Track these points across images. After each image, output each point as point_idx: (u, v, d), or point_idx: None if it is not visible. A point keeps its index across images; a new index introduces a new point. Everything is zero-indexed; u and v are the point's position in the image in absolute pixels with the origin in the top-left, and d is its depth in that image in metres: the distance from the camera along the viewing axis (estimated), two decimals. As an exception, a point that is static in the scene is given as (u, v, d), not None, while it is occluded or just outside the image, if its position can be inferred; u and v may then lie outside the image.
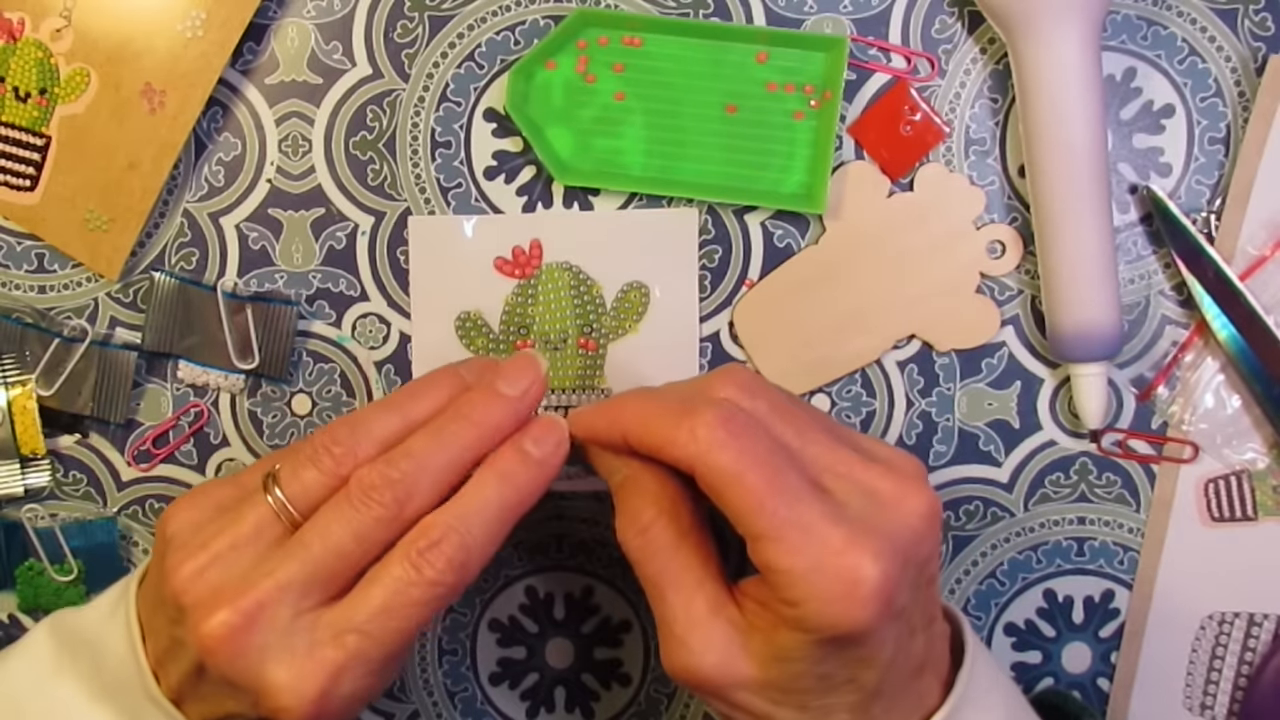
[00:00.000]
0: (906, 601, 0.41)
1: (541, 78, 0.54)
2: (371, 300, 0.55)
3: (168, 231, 0.55)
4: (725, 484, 0.40)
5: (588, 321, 0.55)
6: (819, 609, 0.39)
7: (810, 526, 0.40)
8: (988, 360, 0.55)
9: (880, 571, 0.40)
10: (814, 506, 0.40)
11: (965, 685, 0.44)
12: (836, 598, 0.39)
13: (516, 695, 0.57)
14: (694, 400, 0.42)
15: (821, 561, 0.39)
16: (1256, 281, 0.53)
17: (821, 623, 0.40)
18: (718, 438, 0.41)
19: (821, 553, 0.39)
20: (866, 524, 0.41)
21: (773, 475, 0.40)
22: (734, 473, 0.40)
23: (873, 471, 0.43)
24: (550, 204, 0.55)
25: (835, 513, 0.41)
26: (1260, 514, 0.55)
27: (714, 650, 0.42)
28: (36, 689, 0.44)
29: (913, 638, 0.43)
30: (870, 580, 0.39)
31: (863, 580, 0.39)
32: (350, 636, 0.42)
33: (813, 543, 0.40)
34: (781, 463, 0.41)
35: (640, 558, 0.44)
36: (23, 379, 0.54)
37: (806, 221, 0.55)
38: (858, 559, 0.39)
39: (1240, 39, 0.54)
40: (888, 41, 0.54)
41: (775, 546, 0.40)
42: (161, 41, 0.52)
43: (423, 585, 0.42)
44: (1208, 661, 0.56)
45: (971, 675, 0.45)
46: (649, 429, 0.43)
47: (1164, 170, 0.54)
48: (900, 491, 0.42)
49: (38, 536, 0.55)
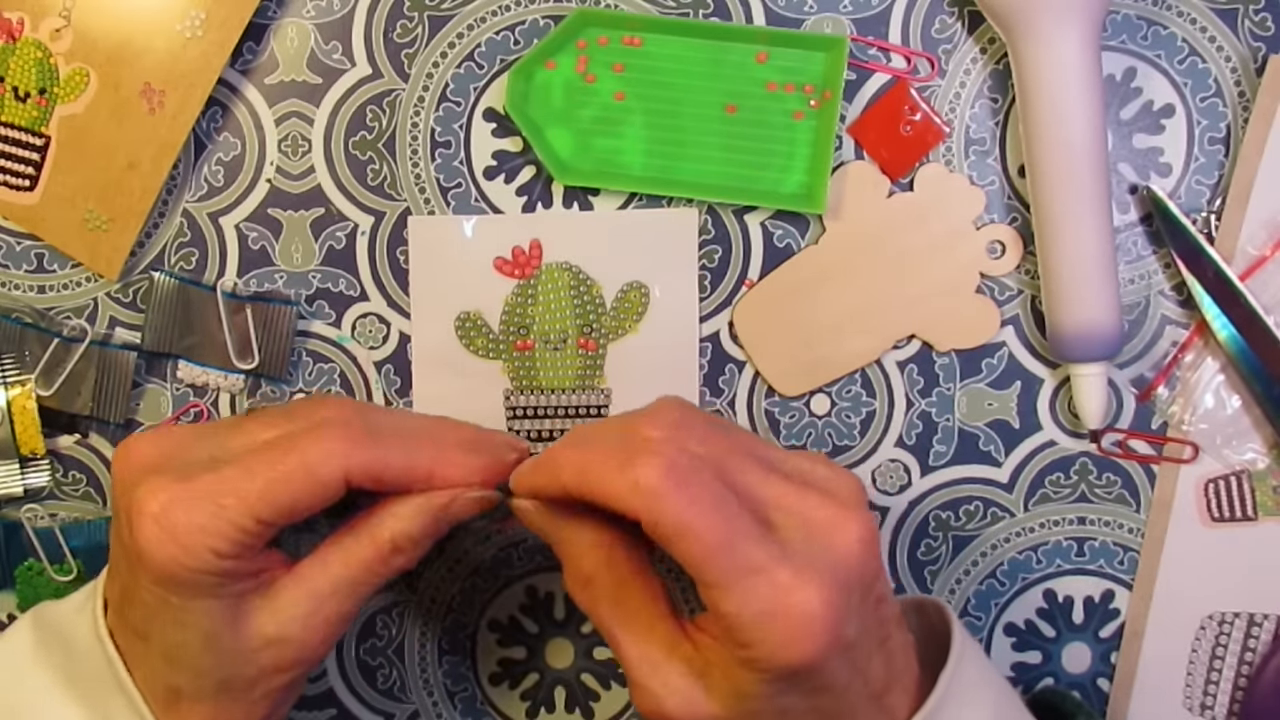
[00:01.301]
0: (855, 629, 0.41)
1: (541, 78, 0.54)
2: (371, 300, 0.55)
3: (167, 231, 0.55)
4: (673, 535, 0.40)
5: (588, 321, 0.55)
6: (770, 651, 0.40)
7: (759, 569, 0.40)
8: (988, 360, 0.55)
9: (826, 605, 0.39)
10: (760, 548, 0.40)
11: (949, 682, 0.44)
12: (787, 640, 0.39)
13: (516, 695, 0.57)
14: (631, 445, 0.41)
15: (771, 604, 0.39)
16: (1256, 281, 0.53)
17: (774, 663, 0.40)
18: (663, 488, 0.40)
19: (770, 594, 0.39)
20: (808, 558, 0.40)
21: (719, 523, 0.40)
22: (681, 523, 0.40)
23: (809, 501, 0.42)
24: (550, 204, 0.55)
25: (780, 552, 0.40)
26: (1260, 514, 0.55)
27: (675, 692, 0.42)
28: (16, 679, 0.45)
29: (869, 660, 0.43)
30: (818, 617, 0.39)
31: (811, 617, 0.39)
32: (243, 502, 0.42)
33: (761, 585, 0.39)
34: (727, 507, 0.40)
35: (589, 608, 0.45)
36: (22, 379, 0.54)
37: (806, 221, 0.55)
38: (804, 596, 0.39)
39: (1240, 39, 0.54)
40: (888, 41, 0.54)
41: (725, 594, 0.40)
42: (161, 41, 0.52)
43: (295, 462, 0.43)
44: (1208, 662, 0.56)
45: (957, 672, 0.45)
46: (588, 480, 0.42)
47: (1164, 170, 0.54)
48: (836, 519, 0.42)
49: (37, 536, 0.55)
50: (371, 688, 0.57)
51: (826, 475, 0.44)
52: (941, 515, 0.56)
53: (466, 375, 0.55)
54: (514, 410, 0.55)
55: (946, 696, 0.44)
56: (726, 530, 0.40)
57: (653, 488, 0.40)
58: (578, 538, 0.45)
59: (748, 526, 0.40)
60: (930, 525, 0.56)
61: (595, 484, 0.41)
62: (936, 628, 0.48)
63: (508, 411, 0.55)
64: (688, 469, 0.40)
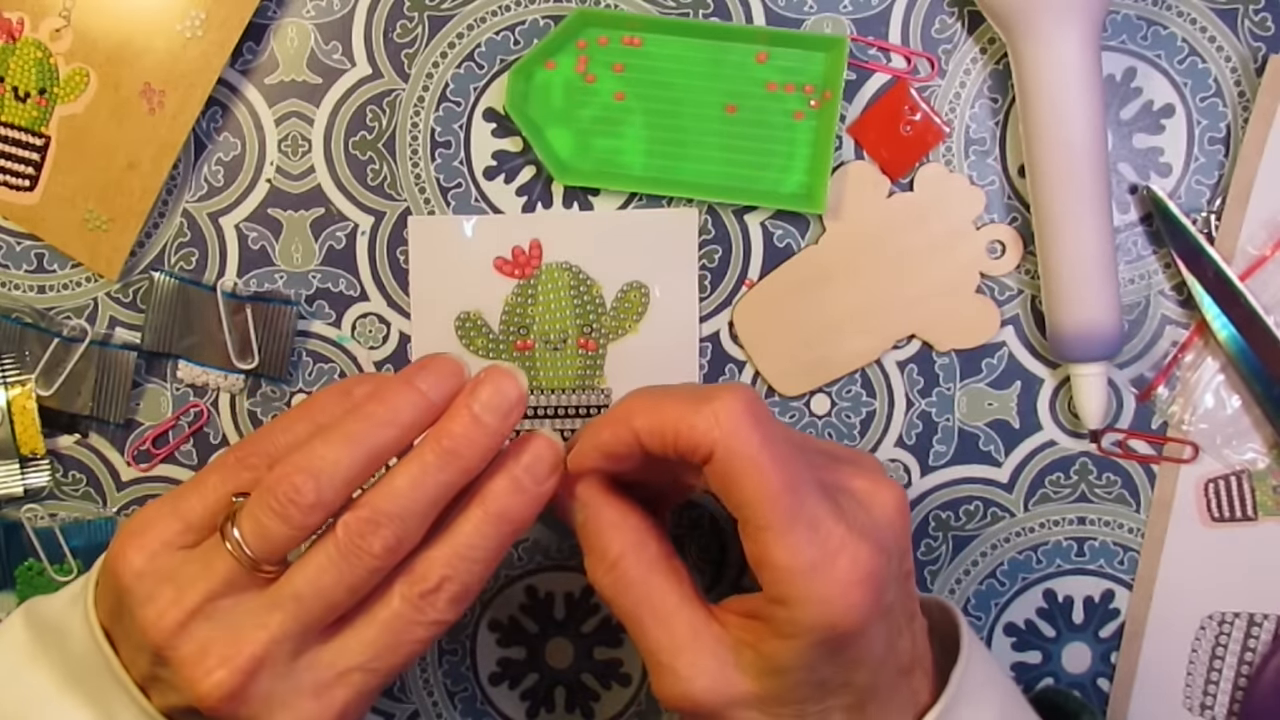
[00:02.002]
0: (893, 597, 0.41)
1: (541, 78, 0.54)
2: (371, 300, 0.55)
3: (167, 231, 0.55)
4: (743, 470, 0.40)
5: (588, 321, 0.55)
6: (813, 611, 0.39)
7: (816, 522, 0.40)
8: (988, 360, 0.55)
9: (873, 568, 0.40)
10: (820, 503, 0.40)
11: (960, 679, 0.44)
12: (832, 597, 0.39)
13: (516, 695, 0.57)
14: (709, 391, 0.42)
15: (821, 558, 0.39)
16: (1256, 281, 0.53)
17: (815, 623, 0.40)
18: (743, 422, 0.40)
19: (823, 549, 0.40)
20: (855, 521, 0.41)
21: (787, 466, 0.40)
22: (754, 459, 0.40)
23: (844, 472, 0.43)
24: (550, 204, 0.55)
25: (837, 510, 0.41)
26: (1260, 514, 0.55)
27: (705, 673, 0.42)
28: (13, 677, 0.44)
29: (900, 635, 0.43)
30: (865, 577, 0.40)
31: (858, 577, 0.39)
32: (355, 674, 0.42)
33: (816, 540, 0.40)
34: (796, 456, 0.41)
35: (613, 593, 0.44)
36: (22, 379, 0.54)
37: (806, 221, 0.55)
38: (854, 555, 0.40)
39: (1240, 39, 0.54)
40: (888, 41, 0.54)
41: (780, 541, 0.40)
42: (161, 41, 0.52)
43: (425, 625, 0.42)
44: (1208, 661, 0.56)
45: (967, 670, 0.45)
46: (665, 417, 0.42)
47: (1164, 170, 0.54)
48: (872, 487, 0.42)
49: (37, 536, 0.55)
50: (371, 688, 0.57)
51: (851, 452, 0.45)
52: (941, 515, 0.56)
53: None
54: (514, 410, 0.55)
55: (958, 695, 0.44)
56: (792, 475, 0.40)
57: (734, 420, 0.40)
58: (605, 517, 0.44)
59: (810, 479, 0.41)
60: (930, 525, 0.56)
61: (672, 420, 0.41)
62: (940, 626, 0.48)
63: (508, 411, 0.55)
64: (765, 413, 0.41)
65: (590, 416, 0.55)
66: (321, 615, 0.42)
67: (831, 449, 0.45)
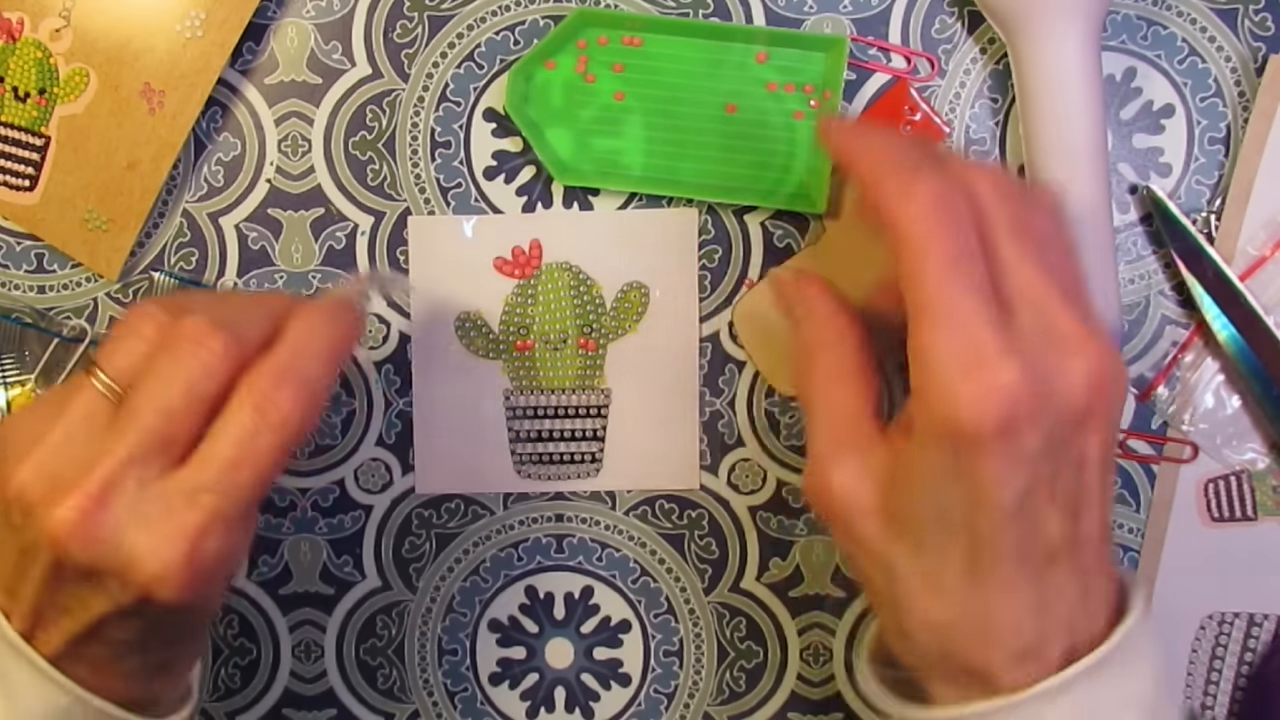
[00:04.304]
0: (1036, 449, 0.39)
1: (541, 78, 0.54)
2: (371, 300, 0.55)
3: (167, 231, 0.55)
4: (908, 245, 0.40)
5: (587, 321, 0.55)
6: (940, 400, 0.39)
7: (971, 321, 0.39)
8: (988, 360, 0.55)
9: (1017, 386, 0.38)
10: (981, 311, 0.39)
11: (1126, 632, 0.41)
12: (959, 395, 0.38)
13: (516, 695, 0.57)
14: (936, 166, 0.41)
15: (965, 354, 0.39)
16: (1256, 281, 0.53)
17: (936, 413, 0.39)
18: (927, 206, 0.40)
19: (971, 347, 0.39)
20: (1027, 351, 0.39)
21: (954, 260, 0.40)
22: (922, 239, 0.40)
23: (1065, 314, 0.40)
24: (550, 204, 0.55)
25: (1001, 322, 0.40)
26: (1260, 514, 0.55)
27: (843, 471, 0.42)
28: None
29: (1045, 508, 0.40)
30: (1003, 386, 0.38)
31: (996, 383, 0.38)
32: (204, 496, 0.41)
33: (965, 334, 0.39)
34: (971, 261, 0.40)
35: (802, 377, 0.46)
36: (22, 379, 0.54)
37: (806, 221, 0.55)
38: (1003, 367, 0.38)
39: (1240, 39, 0.54)
40: (888, 41, 0.54)
41: (929, 321, 0.39)
42: (161, 41, 0.52)
43: (269, 431, 0.41)
44: (1208, 661, 0.56)
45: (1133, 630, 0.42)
46: (877, 167, 0.42)
47: (1164, 170, 0.54)
48: (1078, 344, 0.40)
49: (37, 537, 0.55)
50: (371, 688, 0.57)
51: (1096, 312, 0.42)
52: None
53: (466, 375, 0.55)
54: (514, 410, 0.55)
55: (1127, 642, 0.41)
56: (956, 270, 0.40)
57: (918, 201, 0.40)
58: (819, 313, 0.46)
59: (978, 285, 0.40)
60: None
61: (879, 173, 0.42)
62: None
63: (508, 411, 0.55)
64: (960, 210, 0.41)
65: (590, 417, 0.55)
66: (163, 428, 0.41)
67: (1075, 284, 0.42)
